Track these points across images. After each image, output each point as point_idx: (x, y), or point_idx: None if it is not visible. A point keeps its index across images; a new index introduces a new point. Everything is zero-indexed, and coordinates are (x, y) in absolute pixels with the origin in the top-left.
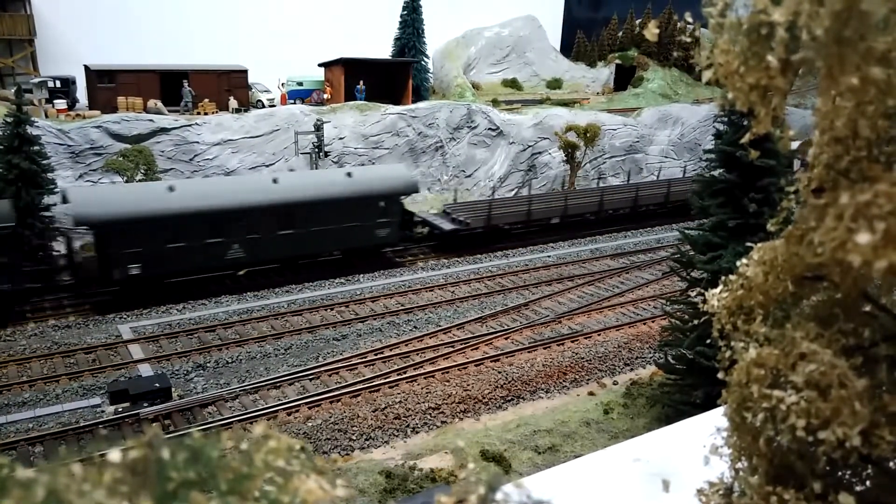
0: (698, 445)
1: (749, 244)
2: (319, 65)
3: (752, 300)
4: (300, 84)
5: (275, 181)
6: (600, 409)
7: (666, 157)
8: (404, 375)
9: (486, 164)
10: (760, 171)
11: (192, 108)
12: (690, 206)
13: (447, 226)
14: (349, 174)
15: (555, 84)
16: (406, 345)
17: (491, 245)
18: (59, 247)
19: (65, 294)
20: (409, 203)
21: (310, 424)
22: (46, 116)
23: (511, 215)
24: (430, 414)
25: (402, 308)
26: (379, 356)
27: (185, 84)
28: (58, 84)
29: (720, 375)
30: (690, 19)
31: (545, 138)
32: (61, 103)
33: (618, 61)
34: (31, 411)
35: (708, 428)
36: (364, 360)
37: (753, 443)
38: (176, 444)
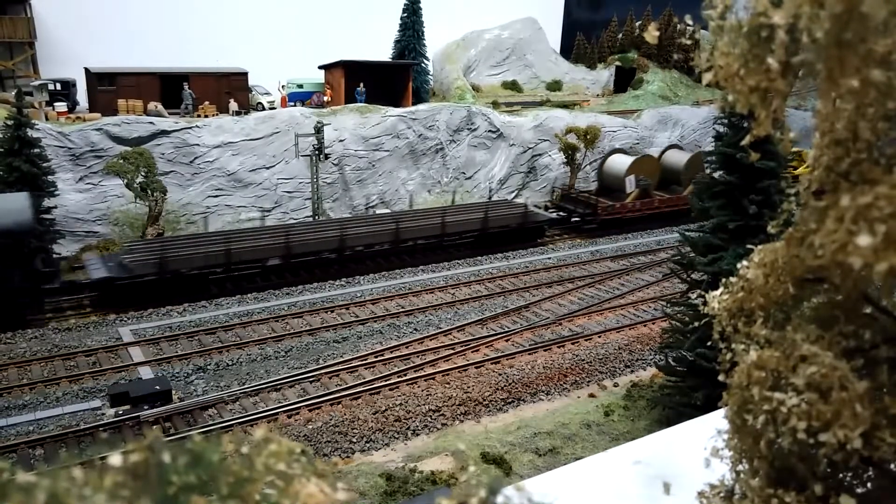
0: (699, 448)
1: (749, 246)
2: (319, 67)
3: (753, 302)
4: (300, 86)
5: None
6: (601, 412)
7: None
8: (404, 378)
9: (487, 167)
10: (761, 173)
11: (193, 111)
12: (540, 230)
13: (100, 272)
14: None
15: (555, 86)
16: (406, 347)
17: (175, 298)
18: (60, 249)
19: (65, 296)
20: None
21: (310, 427)
22: (47, 119)
23: (197, 257)
24: (430, 416)
25: (403, 310)
26: (379, 358)
27: (186, 86)
28: (58, 87)
29: (721, 377)
30: (690, 21)
31: (545, 140)
32: (61, 106)
33: (618, 63)
34: (31, 414)
35: (709, 430)
36: (364, 362)
37: (754, 445)
38: (177, 447)
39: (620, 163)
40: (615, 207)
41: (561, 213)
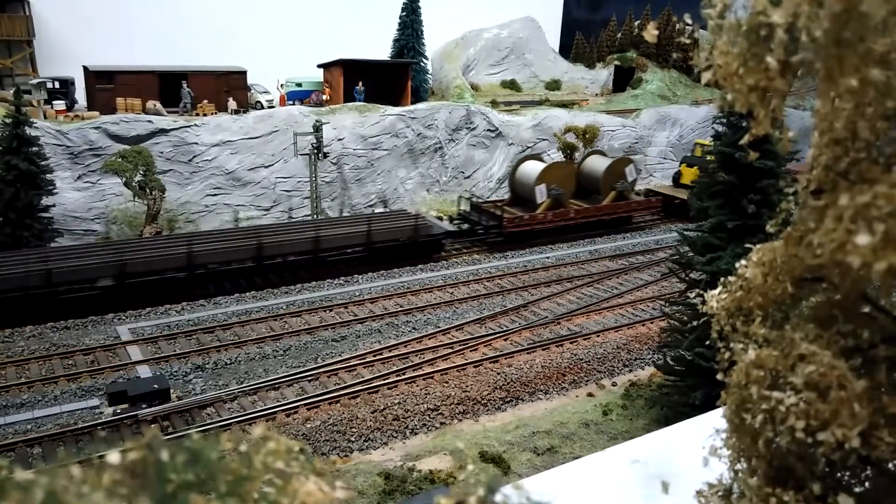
0: (697, 447)
1: (748, 245)
2: (318, 66)
3: (752, 301)
4: (299, 85)
5: None
6: (599, 411)
7: (665, 158)
8: (403, 377)
9: (486, 166)
10: (759, 172)
11: (191, 109)
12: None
13: None
14: None
15: (553, 85)
16: (405, 346)
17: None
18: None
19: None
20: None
21: (308, 426)
22: (45, 117)
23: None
24: (428, 415)
25: (401, 309)
26: (378, 357)
27: (184, 85)
28: (56, 85)
29: (719, 377)
30: (689, 21)
31: (544, 139)
32: (60, 104)
33: (616, 63)
34: (29, 413)
35: (707, 429)
36: (363, 361)
37: (752, 444)
38: (175, 445)
39: (531, 170)
40: (523, 219)
41: (465, 226)
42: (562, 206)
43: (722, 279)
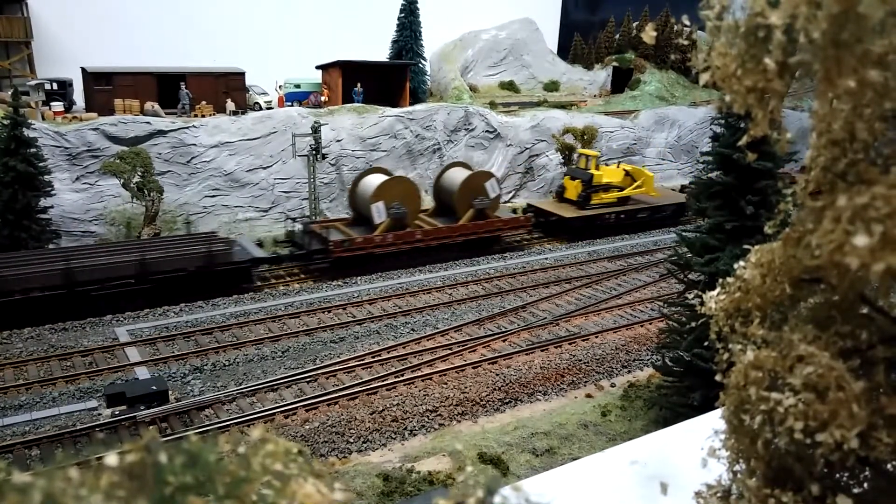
0: (696, 448)
1: (746, 246)
2: (317, 67)
3: (750, 302)
4: (297, 86)
5: None
6: (598, 412)
7: (663, 159)
8: (402, 378)
9: (484, 166)
10: (758, 173)
11: (190, 111)
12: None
13: None
14: None
15: (552, 86)
16: (403, 347)
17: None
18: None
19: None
20: None
21: (307, 427)
22: (43, 119)
23: None
24: (427, 416)
25: (400, 310)
26: (376, 359)
27: (183, 86)
28: (55, 86)
29: (718, 378)
30: (687, 22)
31: (542, 140)
32: (58, 106)
33: (615, 64)
34: (27, 414)
35: (706, 430)
36: (361, 362)
37: (751, 445)
38: (173, 447)
39: (368, 185)
40: (354, 242)
41: (285, 250)
42: (405, 227)
43: (720, 280)
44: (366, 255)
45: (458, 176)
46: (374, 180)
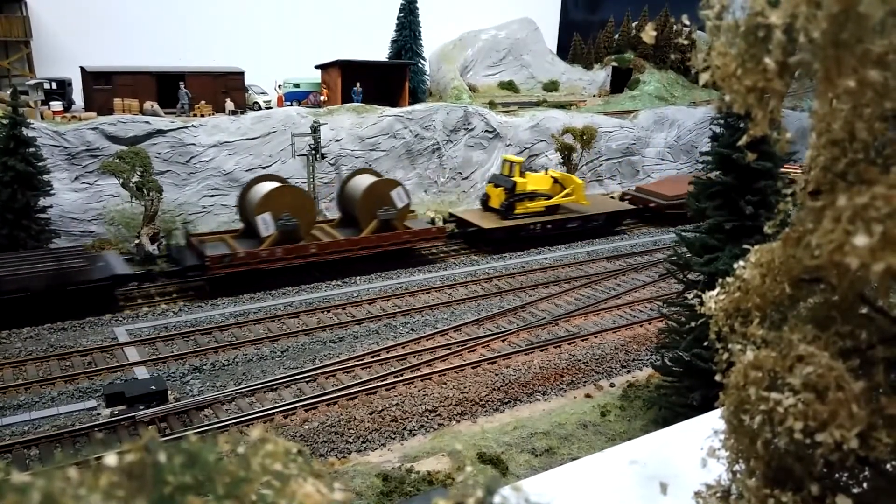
0: (696, 448)
1: (746, 246)
2: (316, 67)
3: (750, 302)
4: (297, 86)
5: None
6: (597, 412)
7: (662, 159)
8: (401, 378)
9: (484, 166)
10: (757, 173)
11: (189, 110)
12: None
13: None
14: None
15: (551, 86)
16: (403, 347)
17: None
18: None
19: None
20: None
21: (306, 427)
22: (42, 118)
23: None
24: (426, 416)
25: (399, 310)
26: (376, 359)
27: (182, 86)
28: (54, 86)
29: (717, 378)
30: (687, 22)
31: (542, 140)
32: (57, 105)
33: (614, 64)
34: (26, 414)
35: (705, 430)
36: (361, 362)
37: (751, 445)
38: (172, 447)
39: (255, 195)
40: (236, 258)
41: (158, 267)
42: (297, 240)
43: (720, 280)
44: (247, 271)
45: (361, 184)
46: (263, 189)
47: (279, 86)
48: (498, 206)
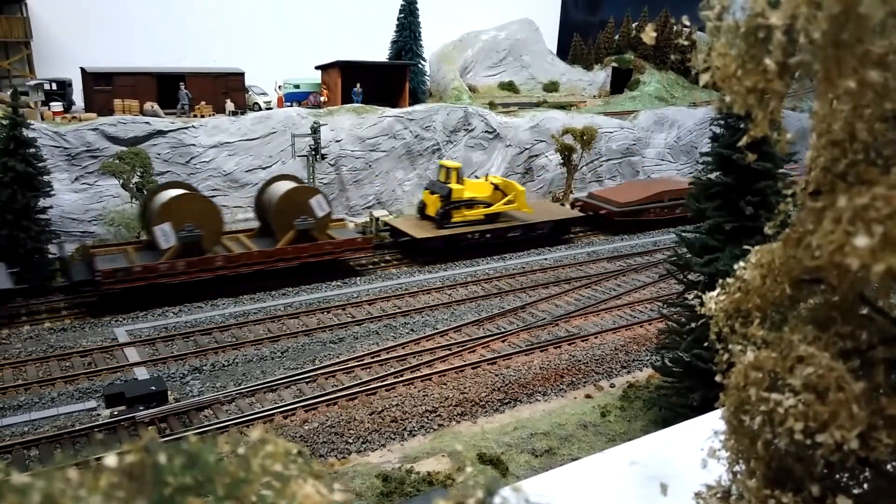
0: (696, 448)
1: (746, 247)
2: (316, 67)
3: (750, 303)
4: (297, 87)
5: None
6: (597, 412)
7: (662, 159)
8: (401, 378)
9: (484, 167)
10: (757, 174)
11: (189, 111)
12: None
13: None
14: None
15: (551, 87)
16: (403, 348)
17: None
18: (54, 249)
19: (60, 297)
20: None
21: (306, 428)
22: (42, 119)
23: None
24: (426, 417)
25: (399, 311)
26: (376, 359)
27: (182, 86)
28: (54, 86)
29: (717, 378)
30: (687, 22)
31: (542, 141)
32: (57, 106)
33: (614, 64)
34: (26, 415)
35: (705, 431)
36: (361, 363)
37: (751, 446)
38: (172, 448)
39: (156, 204)
40: (130, 272)
41: (52, 282)
42: (202, 252)
43: (720, 281)
44: (147, 286)
45: (277, 191)
46: (164, 198)
47: (279, 86)
48: (434, 214)
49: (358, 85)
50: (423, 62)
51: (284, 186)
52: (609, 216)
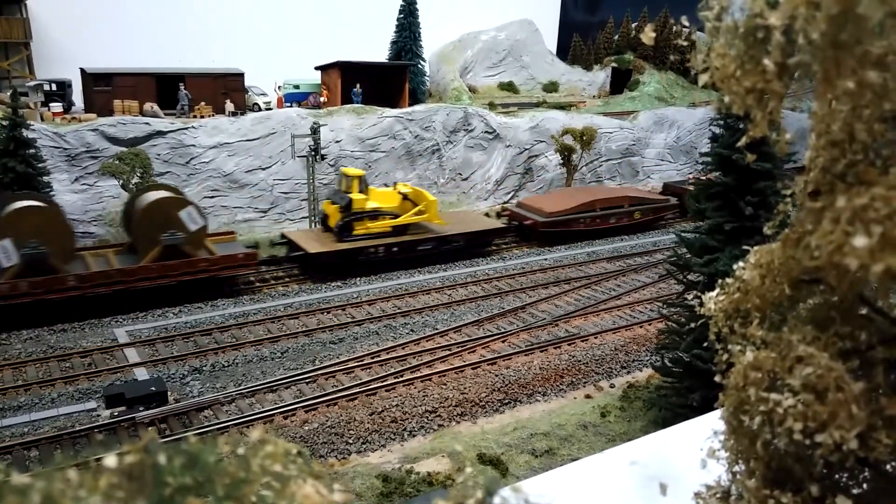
0: (695, 449)
1: (746, 247)
2: (316, 68)
3: (749, 303)
4: (297, 87)
5: None
6: (597, 413)
7: (662, 160)
8: (401, 379)
9: (483, 167)
10: (757, 174)
11: (189, 112)
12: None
13: None
14: None
15: (551, 87)
16: (403, 348)
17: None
18: None
19: None
20: None
21: (306, 428)
22: (42, 120)
23: None
24: (426, 417)
25: (399, 311)
26: (376, 359)
27: (182, 87)
28: (54, 87)
29: (717, 378)
30: (687, 23)
31: (542, 141)
32: (57, 106)
33: (614, 65)
34: (26, 415)
35: (705, 431)
36: (361, 363)
37: (751, 446)
38: (172, 448)
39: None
40: None
41: None
42: (54, 271)
43: (720, 281)
44: None
45: (142, 203)
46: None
47: (279, 87)
48: (334, 226)
49: (357, 85)
50: (422, 63)
51: (151, 197)
52: (534, 227)
